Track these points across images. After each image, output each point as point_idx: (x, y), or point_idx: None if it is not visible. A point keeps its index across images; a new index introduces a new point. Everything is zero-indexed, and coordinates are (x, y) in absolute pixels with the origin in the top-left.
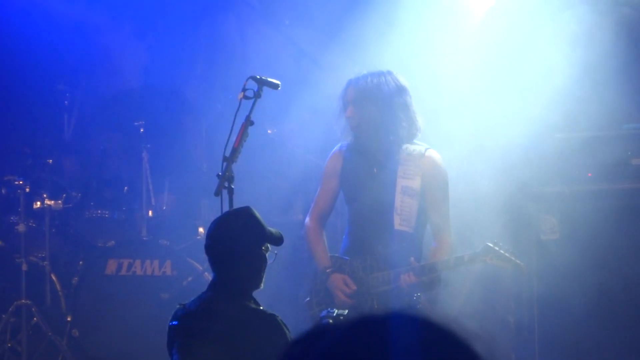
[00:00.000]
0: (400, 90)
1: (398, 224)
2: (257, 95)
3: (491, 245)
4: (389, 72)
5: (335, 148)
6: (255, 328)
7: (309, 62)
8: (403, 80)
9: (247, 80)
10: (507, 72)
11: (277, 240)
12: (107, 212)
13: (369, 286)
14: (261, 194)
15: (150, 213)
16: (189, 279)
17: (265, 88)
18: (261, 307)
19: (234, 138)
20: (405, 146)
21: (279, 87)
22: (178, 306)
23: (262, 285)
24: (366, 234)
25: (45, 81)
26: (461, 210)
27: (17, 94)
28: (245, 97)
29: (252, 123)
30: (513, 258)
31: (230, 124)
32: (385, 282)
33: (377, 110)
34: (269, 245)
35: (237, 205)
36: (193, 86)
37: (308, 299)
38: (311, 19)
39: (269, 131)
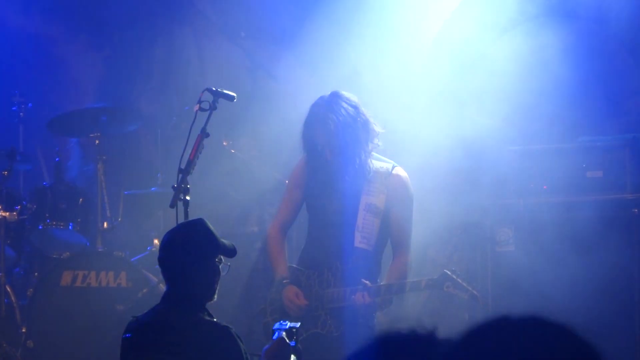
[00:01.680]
0: (357, 111)
1: (358, 241)
2: (213, 107)
3: (449, 273)
4: (339, 96)
5: (301, 159)
6: (208, 340)
7: (264, 74)
8: (353, 97)
9: (203, 92)
10: (462, 85)
11: (231, 252)
12: (62, 224)
13: (323, 301)
14: (216, 205)
15: (105, 225)
16: (144, 290)
17: (221, 100)
18: (214, 319)
19: (189, 150)
20: (372, 162)
21: (234, 99)
22: (131, 318)
23: (215, 297)
24: (325, 248)
25: (0, 93)
26: (416, 222)
27: None
28: (201, 109)
29: (207, 135)
30: (470, 288)
31: (185, 136)
32: (339, 298)
33: (349, 143)
34: (222, 257)
35: (192, 217)
36: (149, 98)
37: (262, 306)
38: (266, 31)
39: (224, 143)
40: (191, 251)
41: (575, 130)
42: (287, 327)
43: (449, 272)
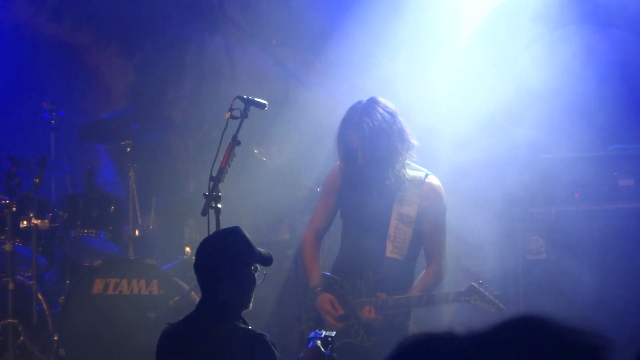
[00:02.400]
0: (394, 118)
1: (390, 251)
2: (244, 115)
3: (476, 286)
4: (376, 102)
5: (336, 164)
6: (244, 348)
7: (295, 82)
8: (390, 105)
9: (234, 100)
10: (493, 93)
11: (266, 261)
12: (93, 232)
13: (356, 311)
14: (248, 213)
15: (137, 232)
16: (176, 298)
17: (252, 108)
18: (250, 327)
19: (221, 158)
20: (405, 172)
21: (265, 106)
22: (166, 325)
23: (250, 305)
24: (358, 256)
25: (32, 100)
26: (447, 231)
27: (4, 113)
28: (232, 117)
29: (239, 143)
30: (497, 301)
31: (217, 144)
32: (371, 307)
33: (383, 150)
34: (257, 265)
35: (223, 225)
36: (180, 105)
37: (297, 314)
38: (297, 38)
39: (255, 151)
40: (227, 259)
41: (607, 138)
42: (323, 335)
43: (476, 285)
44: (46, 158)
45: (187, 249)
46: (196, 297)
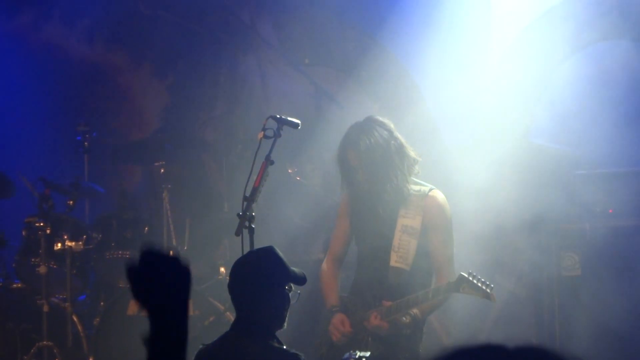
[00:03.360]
0: (391, 134)
1: (394, 260)
2: (277, 134)
3: (465, 275)
4: (374, 120)
5: (345, 190)
6: None
7: (327, 100)
8: (387, 122)
9: (267, 119)
10: (526, 109)
11: (301, 280)
12: (128, 253)
13: (364, 323)
14: (282, 233)
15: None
16: (211, 318)
17: (285, 127)
18: (284, 347)
19: (254, 178)
20: (409, 186)
21: (299, 126)
22: (201, 346)
23: (285, 325)
24: (367, 271)
25: (65, 122)
26: (483, 247)
27: (37, 135)
28: (266, 137)
29: (272, 162)
30: (484, 287)
31: (250, 164)
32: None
33: (380, 165)
34: (292, 284)
35: (257, 244)
36: (213, 125)
37: (317, 341)
38: (330, 57)
39: (289, 170)
40: (262, 278)
41: None
42: (357, 356)
43: (465, 275)
44: (79, 180)
45: (222, 269)
46: (231, 317)
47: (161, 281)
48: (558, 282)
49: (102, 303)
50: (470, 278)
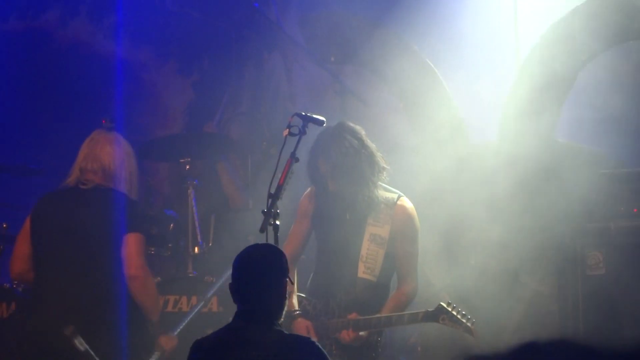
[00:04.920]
0: (362, 143)
1: (362, 271)
2: (302, 132)
3: (445, 305)
4: (344, 128)
5: (309, 189)
6: (299, 353)
7: (353, 98)
8: (358, 129)
9: (292, 117)
10: (551, 107)
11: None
12: (152, 249)
13: (328, 331)
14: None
15: (196, 250)
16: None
17: (310, 125)
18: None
19: (279, 175)
20: (377, 193)
21: (324, 123)
22: (195, 340)
23: (284, 315)
24: (330, 277)
25: (90, 118)
26: (506, 247)
27: (63, 130)
28: (291, 134)
29: (297, 160)
30: (464, 321)
31: (275, 161)
32: (344, 328)
33: (351, 175)
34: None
35: (282, 241)
36: (239, 122)
37: None
38: (355, 55)
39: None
40: (269, 271)
41: None
42: None
43: (444, 305)
44: None
45: None
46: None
47: None
48: (582, 281)
49: None
50: (450, 309)
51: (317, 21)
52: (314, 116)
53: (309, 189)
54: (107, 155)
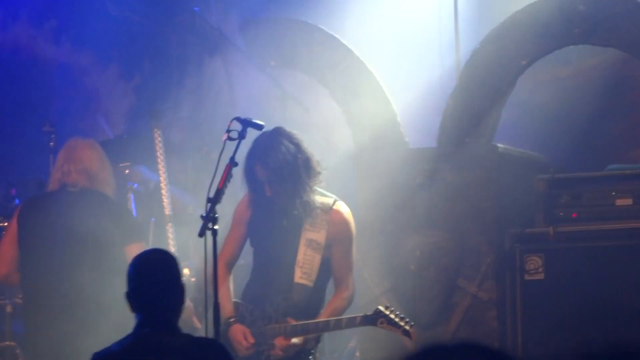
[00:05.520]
0: (298, 148)
1: (298, 277)
2: (242, 136)
3: (382, 309)
4: (281, 133)
5: (245, 195)
6: (208, 354)
7: (294, 104)
8: (295, 134)
9: (231, 121)
10: (492, 112)
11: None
12: None
13: (266, 336)
14: None
15: None
16: None
17: (249, 129)
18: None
19: (218, 179)
20: (313, 198)
21: (263, 128)
22: (96, 355)
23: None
24: (267, 283)
25: (31, 123)
26: (446, 251)
27: (3, 135)
28: (230, 139)
29: (236, 164)
30: (402, 324)
31: (215, 165)
32: (281, 334)
33: (289, 181)
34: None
35: (220, 246)
36: (179, 127)
37: None
38: (296, 59)
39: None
40: (168, 276)
41: (605, 158)
42: None
43: (382, 309)
44: (43, 181)
45: (186, 270)
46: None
47: None
48: (521, 286)
49: None
50: (388, 312)
51: (257, 26)
52: (253, 121)
53: (245, 194)
54: (88, 158)
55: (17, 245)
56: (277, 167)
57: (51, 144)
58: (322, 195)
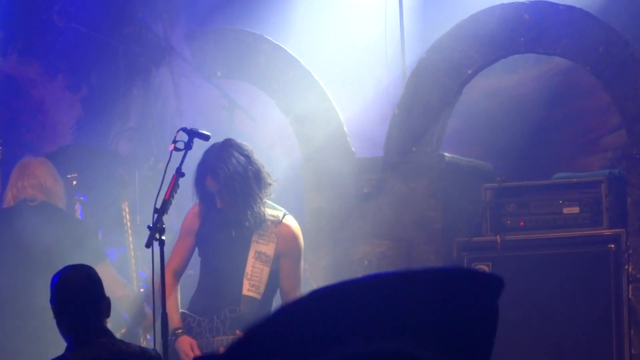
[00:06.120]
0: (249, 159)
1: (247, 289)
2: (188, 146)
3: None
4: (231, 145)
5: (194, 205)
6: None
7: (241, 114)
8: (246, 146)
9: (177, 132)
10: (437, 121)
11: None
12: None
13: (213, 349)
14: None
15: None
16: (123, 330)
17: (196, 139)
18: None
19: (165, 190)
20: (264, 211)
21: (209, 138)
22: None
23: None
24: (215, 295)
25: None
26: (392, 261)
27: None
28: (176, 149)
29: (182, 175)
30: None
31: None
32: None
33: (239, 194)
34: None
35: (167, 257)
36: (127, 138)
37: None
38: (242, 70)
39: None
40: (99, 287)
41: (552, 166)
42: None
43: None
44: None
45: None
46: (141, 330)
47: None
48: None
49: None
50: None
51: (203, 36)
52: (200, 131)
53: (193, 204)
54: (42, 173)
55: None
56: (228, 179)
57: None
58: (272, 208)
